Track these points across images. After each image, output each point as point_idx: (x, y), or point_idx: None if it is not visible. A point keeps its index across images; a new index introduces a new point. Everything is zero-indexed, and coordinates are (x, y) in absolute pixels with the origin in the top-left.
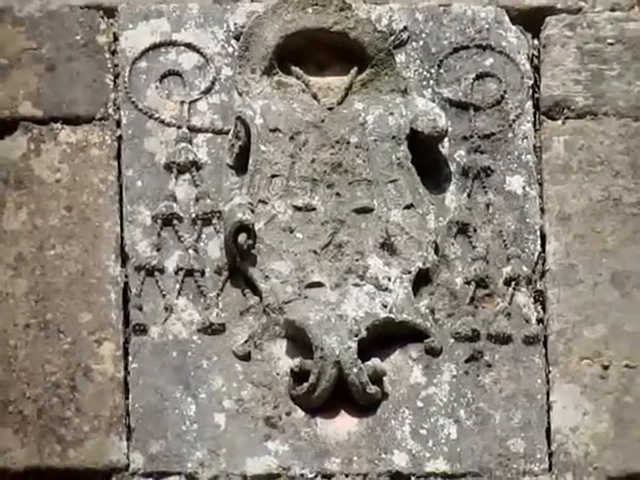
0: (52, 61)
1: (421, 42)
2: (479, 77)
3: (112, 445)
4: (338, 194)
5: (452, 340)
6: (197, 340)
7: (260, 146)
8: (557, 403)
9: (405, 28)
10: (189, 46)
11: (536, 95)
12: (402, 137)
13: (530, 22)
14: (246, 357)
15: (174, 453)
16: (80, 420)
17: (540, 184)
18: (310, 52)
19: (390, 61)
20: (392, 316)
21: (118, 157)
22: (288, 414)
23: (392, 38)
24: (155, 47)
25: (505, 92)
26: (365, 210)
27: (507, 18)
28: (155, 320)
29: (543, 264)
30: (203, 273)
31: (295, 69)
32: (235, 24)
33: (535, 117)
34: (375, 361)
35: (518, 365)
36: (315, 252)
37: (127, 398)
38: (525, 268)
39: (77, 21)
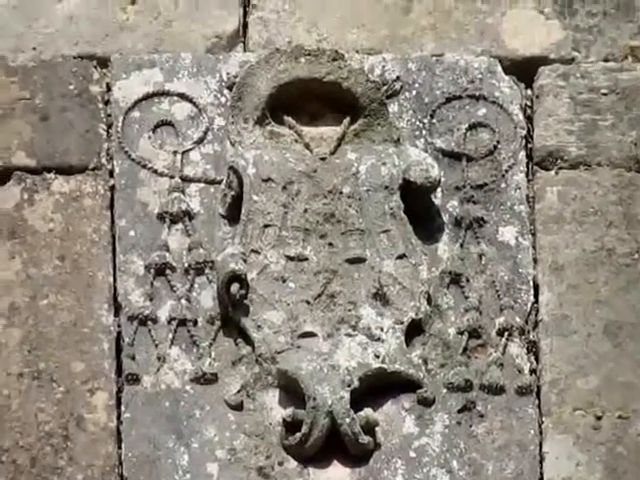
0: (45, 111)
1: (414, 92)
2: (472, 127)
3: None
4: (331, 244)
5: (445, 390)
6: (190, 390)
7: (252, 196)
8: (550, 454)
9: (398, 78)
10: (182, 96)
11: (529, 145)
12: (395, 187)
13: (523, 72)
14: (239, 407)
15: None
16: (73, 469)
17: (533, 234)
18: (303, 102)
19: (383, 111)
20: (384, 366)
21: (111, 207)
22: (281, 464)
23: (385, 88)
24: (148, 97)
25: (498, 142)
26: (358, 260)
27: (500, 68)
28: (148, 370)
29: (536, 314)
30: (196, 323)
31: (288, 119)
32: (228, 74)
33: (528, 167)
34: (367, 411)
35: (511, 415)
36: (308, 302)
37: (120, 447)
38: (518, 318)
39: (70, 71)
